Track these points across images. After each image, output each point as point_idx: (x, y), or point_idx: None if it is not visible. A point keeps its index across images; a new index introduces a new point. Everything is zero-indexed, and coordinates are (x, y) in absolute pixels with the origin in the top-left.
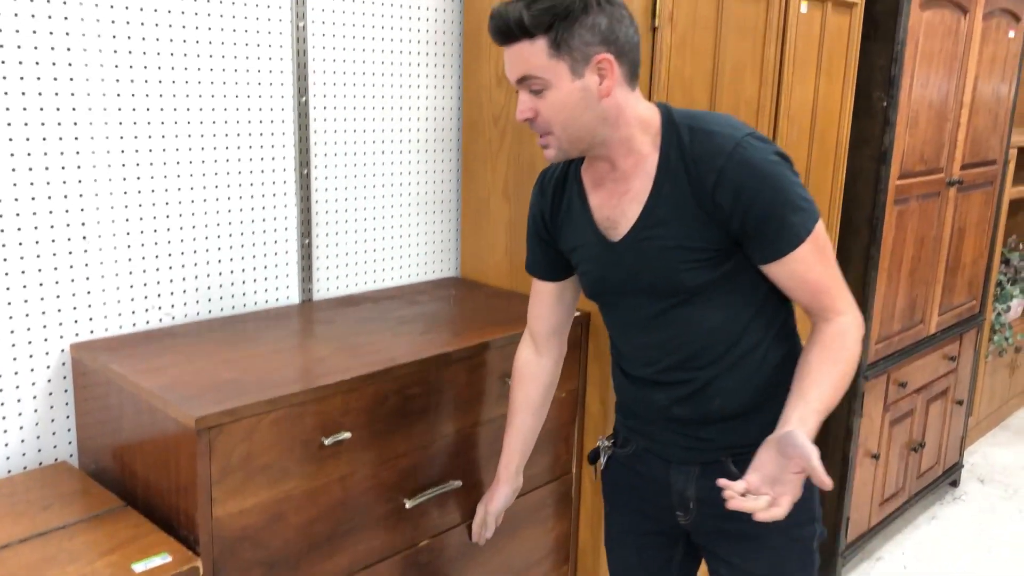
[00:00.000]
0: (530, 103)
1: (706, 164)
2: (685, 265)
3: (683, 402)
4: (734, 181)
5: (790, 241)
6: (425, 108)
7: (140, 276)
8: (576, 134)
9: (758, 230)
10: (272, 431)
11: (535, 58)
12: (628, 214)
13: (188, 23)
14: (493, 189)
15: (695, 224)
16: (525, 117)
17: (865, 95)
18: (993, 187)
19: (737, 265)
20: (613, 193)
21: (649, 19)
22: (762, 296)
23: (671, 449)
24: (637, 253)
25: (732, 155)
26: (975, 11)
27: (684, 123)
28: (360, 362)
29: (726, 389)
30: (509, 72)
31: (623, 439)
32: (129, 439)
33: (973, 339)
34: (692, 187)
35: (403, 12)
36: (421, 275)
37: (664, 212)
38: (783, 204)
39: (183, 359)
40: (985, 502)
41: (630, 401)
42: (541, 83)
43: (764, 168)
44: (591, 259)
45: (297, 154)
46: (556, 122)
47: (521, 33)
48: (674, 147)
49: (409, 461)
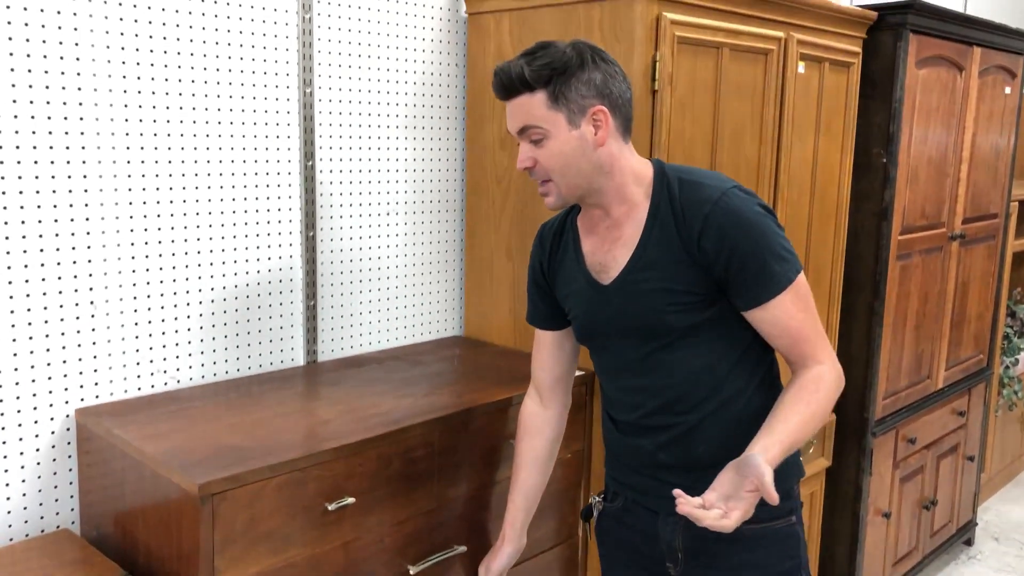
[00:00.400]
0: (530, 152)
1: (693, 210)
2: (672, 307)
3: (668, 448)
4: (719, 227)
5: (772, 288)
6: (429, 170)
7: (146, 340)
8: (573, 181)
9: (740, 275)
10: (275, 497)
11: (535, 109)
12: (619, 259)
13: (198, 91)
14: (497, 249)
15: (681, 268)
16: (525, 166)
17: (864, 152)
18: (996, 240)
19: (722, 311)
20: (605, 239)
21: (649, 82)
22: (746, 343)
23: (658, 500)
24: (625, 295)
25: (718, 203)
26: (971, 68)
27: (675, 175)
28: (364, 425)
29: (710, 436)
30: (511, 124)
31: (612, 493)
32: (131, 506)
33: (982, 393)
34: (680, 232)
35: (407, 76)
36: (426, 335)
37: (652, 256)
38: (765, 252)
39: (187, 424)
40: (1001, 561)
41: (618, 449)
42: (540, 132)
43: (748, 216)
44: (581, 302)
45: (303, 216)
46: (554, 169)
47: (522, 86)
48: (664, 196)
49: (413, 526)
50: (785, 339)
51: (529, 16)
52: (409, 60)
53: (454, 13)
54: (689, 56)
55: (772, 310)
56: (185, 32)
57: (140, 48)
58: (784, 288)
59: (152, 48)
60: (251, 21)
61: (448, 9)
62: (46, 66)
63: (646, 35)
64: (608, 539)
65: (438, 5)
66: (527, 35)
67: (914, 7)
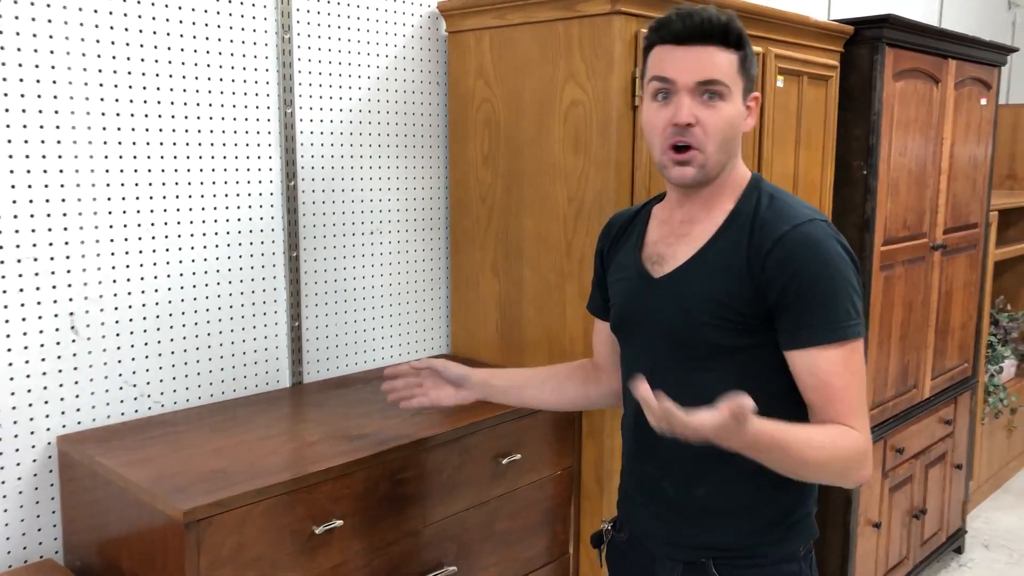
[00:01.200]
0: (695, 111)
1: (771, 227)
2: (712, 319)
3: (673, 478)
4: (790, 249)
5: (824, 334)
6: (412, 188)
7: (128, 364)
8: (724, 156)
9: (796, 306)
10: (262, 522)
11: (728, 66)
12: (678, 255)
13: (178, 113)
14: (482, 266)
15: (737, 282)
16: (688, 121)
17: (845, 165)
18: (977, 250)
19: (762, 343)
20: (673, 232)
21: (630, 98)
22: (779, 391)
23: (656, 543)
24: (671, 293)
25: (799, 227)
26: (947, 80)
27: (768, 190)
28: (350, 447)
29: (715, 479)
30: (689, 72)
31: (619, 523)
32: (116, 534)
33: (968, 402)
34: (750, 245)
35: (388, 95)
36: (413, 353)
37: (712, 261)
38: (831, 292)
39: (171, 449)
40: (991, 568)
41: (626, 467)
42: (724, 91)
43: (825, 249)
44: (623, 291)
45: (286, 237)
46: (716, 136)
47: (722, 39)
48: (748, 207)
49: (402, 548)
50: (820, 393)
51: (509, 34)
52: (390, 79)
53: (435, 32)
54: None
55: (816, 358)
56: (163, 54)
57: (119, 84)
58: (838, 341)
59: (131, 84)
60: (230, 43)
61: (429, 28)
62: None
63: (625, 52)
64: (614, 570)
65: (418, 24)
66: (507, 52)
67: (889, 21)
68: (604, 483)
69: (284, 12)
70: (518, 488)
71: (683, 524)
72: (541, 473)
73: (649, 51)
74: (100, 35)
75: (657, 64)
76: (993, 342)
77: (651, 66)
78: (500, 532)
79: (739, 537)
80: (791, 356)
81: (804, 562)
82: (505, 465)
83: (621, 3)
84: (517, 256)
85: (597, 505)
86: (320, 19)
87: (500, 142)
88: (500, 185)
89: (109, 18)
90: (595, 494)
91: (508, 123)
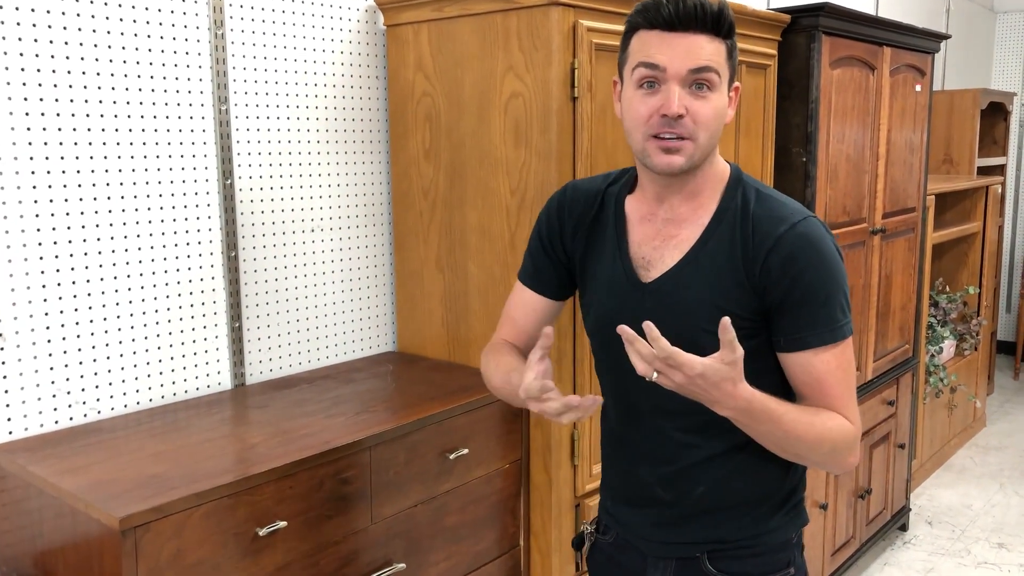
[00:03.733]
0: (685, 101)
1: (767, 226)
2: (711, 325)
3: (667, 482)
4: (791, 251)
5: (823, 335)
6: (353, 184)
7: (61, 371)
8: (710, 146)
9: (796, 310)
10: (203, 526)
11: (718, 55)
12: (666, 258)
13: (107, 111)
14: (426, 261)
15: (733, 285)
16: (679, 112)
17: (785, 152)
18: (915, 233)
19: (760, 346)
20: (659, 234)
21: (569, 89)
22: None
23: (648, 543)
24: (663, 300)
25: (797, 226)
26: (882, 68)
27: (752, 185)
28: (294, 447)
29: (715, 477)
30: (680, 60)
31: (604, 526)
32: (51, 545)
33: (909, 382)
34: (744, 246)
35: (326, 90)
36: (358, 352)
37: (704, 264)
38: (830, 295)
39: (107, 456)
40: (935, 544)
41: (612, 474)
42: (715, 81)
43: (825, 251)
44: (607, 292)
45: (223, 237)
46: (707, 127)
47: (713, 27)
48: (735, 204)
49: (349, 546)
50: (814, 389)
51: (447, 26)
52: (328, 74)
53: (372, 26)
54: (608, 63)
55: (812, 359)
56: (90, 51)
57: (41, 68)
58: (836, 341)
59: (54, 68)
60: (160, 39)
61: (366, 22)
62: None
63: (563, 43)
64: (598, 573)
65: (355, 18)
66: (446, 45)
67: (825, 10)
68: (553, 474)
69: (216, 7)
70: (467, 482)
71: (682, 524)
72: (489, 467)
73: (631, 35)
74: (23, 33)
75: (644, 50)
76: (933, 323)
77: (635, 51)
78: (449, 527)
79: (739, 529)
80: (788, 358)
81: (796, 548)
82: (453, 460)
83: None
84: (461, 250)
85: (547, 497)
86: (254, 14)
87: (441, 136)
88: (442, 179)
89: (32, 15)
90: (544, 485)
91: (449, 116)
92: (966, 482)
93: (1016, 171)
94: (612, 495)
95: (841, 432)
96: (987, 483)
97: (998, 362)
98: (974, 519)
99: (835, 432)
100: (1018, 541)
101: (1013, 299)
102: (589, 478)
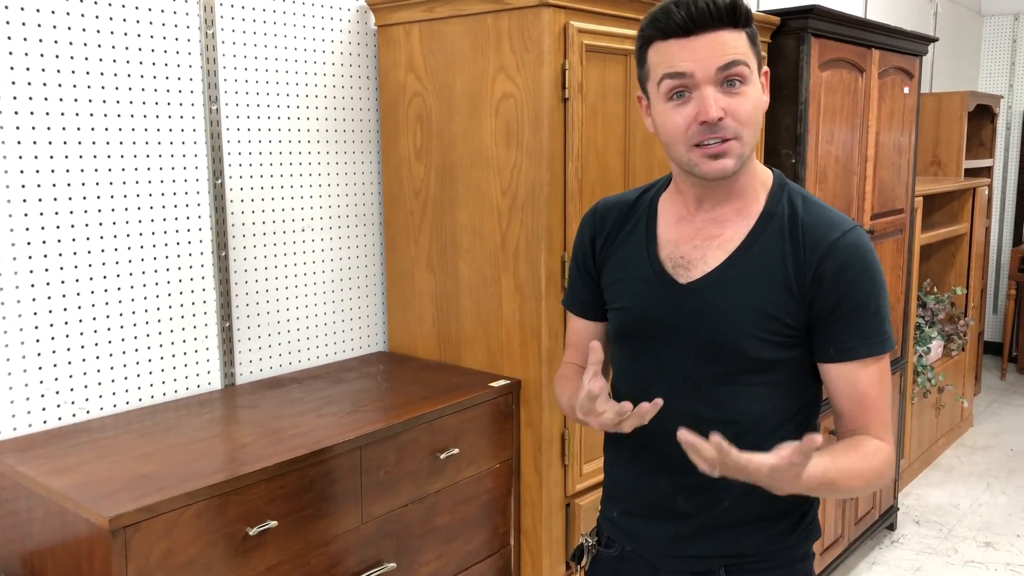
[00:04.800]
0: (720, 102)
1: (819, 232)
2: (755, 331)
3: (692, 493)
4: (844, 260)
5: (870, 348)
6: (344, 184)
7: (50, 370)
8: (755, 140)
9: (844, 320)
10: (193, 525)
11: (743, 46)
12: (708, 259)
13: (97, 111)
14: (417, 262)
15: (780, 291)
16: (719, 116)
17: (774, 153)
18: (903, 234)
19: (801, 356)
20: (699, 233)
21: (560, 90)
22: (808, 402)
23: (663, 557)
24: (704, 303)
25: (848, 235)
26: (871, 70)
27: (799, 191)
28: (284, 447)
29: (740, 490)
30: (707, 61)
31: (607, 539)
32: (40, 545)
33: (897, 382)
34: (794, 251)
35: (317, 90)
36: (348, 352)
37: (749, 268)
38: (877, 308)
39: (97, 456)
40: (923, 543)
41: (623, 488)
42: (746, 73)
43: (874, 264)
44: (638, 294)
45: (214, 236)
46: (748, 121)
47: (730, 20)
48: (782, 208)
49: (339, 546)
50: (852, 402)
51: (438, 27)
52: (319, 74)
53: (363, 26)
54: (598, 64)
55: (858, 371)
56: (79, 51)
57: (31, 67)
58: (880, 354)
59: (43, 67)
60: (151, 38)
61: (357, 22)
62: None
63: (554, 44)
64: None
65: (346, 18)
66: (437, 45)
67: (814, 12)
68: (543, 474)
69: (207, 7)
70: (457, 482)
71: (704, 537)
72: (480, 466)
73: (647, 49)
74: (12, 32)
75: (666, 61)
76: (921, 324)
77: (656, 64)
78: (440, 527)
79: (761, 544)
80: (830, 368)
81: (810, 559)
82: (444, 460)
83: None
84: (452, 250)
85: (537, 497)
86: (245, 14)
87: (432, 136)
88: (433, 179)
89: (21, 14)
90: (535, 485)
91: (440, 117)
92: (953, 481)
93: (1003, 173)
94: (621, 507)
95: (885, 461)
96: (974, 482)
97: (985, 362)
98: (961, 518)
99: (880, 470)
100: (1005, 540)
101: (1000, 300)
102: (579, 478)
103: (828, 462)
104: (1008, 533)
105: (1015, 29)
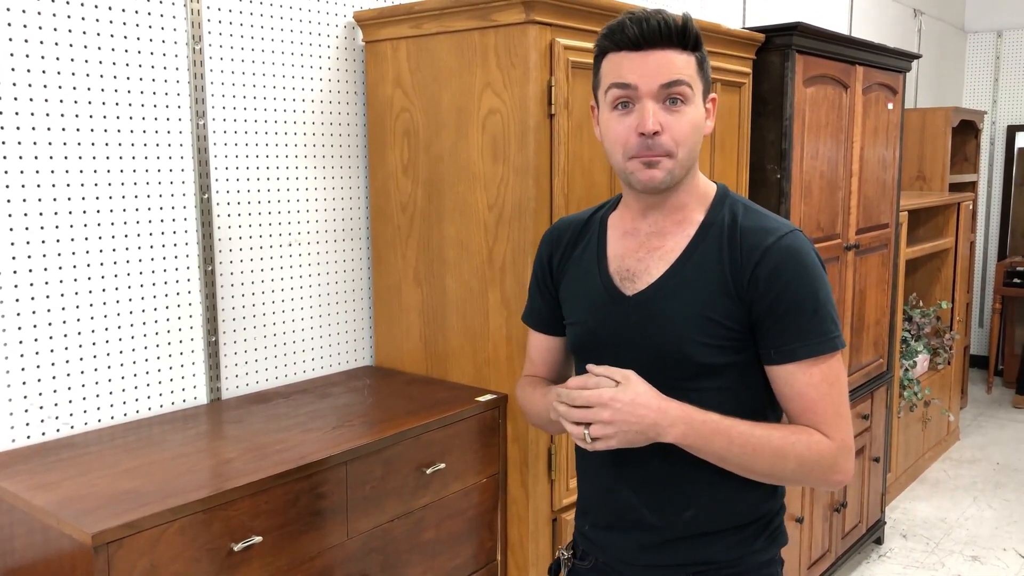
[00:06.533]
0: (660, 117)
1: (754, 238)
2: (700, 337)
3: (653, 505)
4: (778, 262)
5: (812, 347)
6: (332, 198)
7: (34, 385)
8: (690, 160)
9: (783, 321)
10: (177, 541)
11: (688, 68)
12: (652, 270)
13: (83, 126)
14: (404, 276)
15: (721, 296)
16: (655, 129)
17: (759, 168)
18: (888, 249)
19: (747, 360)
20: (643, 246)
21: (546, 106)
22: (760, 406)
23: (632, 568)
24: (649, 312)
25: (783, 238)
26: (855, 86)
27: (739, 201)
28: (269, 462)
29: (702, 501)
30: (651, 76)
31: (582, 551)
32: (22, 562)
33: (884, 396)
34: (732, 258)
35: (305, 105)
36: (335, 366)
37: (691, 275)
38: (818, 305)
39: (79, 471)
40: (910, 557)
41: (592, 502)
42: (688, 94)
43: (811, 262)
44: (590, 309)
45: (200, 250)
46: (684, 140)
47: (679, 41)
48: (722, 217)
49: (325, 561)
50: (797, 404)
51: (426, 43)
52: (306, 89)
53: (351, 42)
54: (584, 80)
55: (795, 371)
56: (67, 65)
57: (17, 82)
58: (825, 353)
59: (30, 82)
60: (138, 53)
61: (345, 38)
62: None
63: (540, 60)
64: None
65: (334, 34)
66: (425, 61)
67: (799, 29)
68: (530, 488)
69: (195, 22)
70: (444, 497)
71: (669, 547)
72: (466, 481)
73: (601, 59)
74: None
75: (615, 71)
76: (907, 337)
77: (607, 74)
78: (426, 542)
79: (726, 551)
80: (775, 370)
81: (777, 565)
82: (430, 475)
83: (535, 13)
84: (439, 264)
85: (524, 511)
86: (232, 29)
87: (419, 151)
88: (420, 194)
89: (8, 14)
90: (521, 499)
91: (427, 132)
92: (940, 495)
93: (987, 187)
94: (591, 520)
95: (809, 447)
96: (961, 496)
97: (971, 376)
98: (948, 532)
99: (800, 446)
100: (991, 554)
101: (986, 314)
102: (566, 492)
103: (738, 421)
104: (995, 547)
105: (998, 46)
